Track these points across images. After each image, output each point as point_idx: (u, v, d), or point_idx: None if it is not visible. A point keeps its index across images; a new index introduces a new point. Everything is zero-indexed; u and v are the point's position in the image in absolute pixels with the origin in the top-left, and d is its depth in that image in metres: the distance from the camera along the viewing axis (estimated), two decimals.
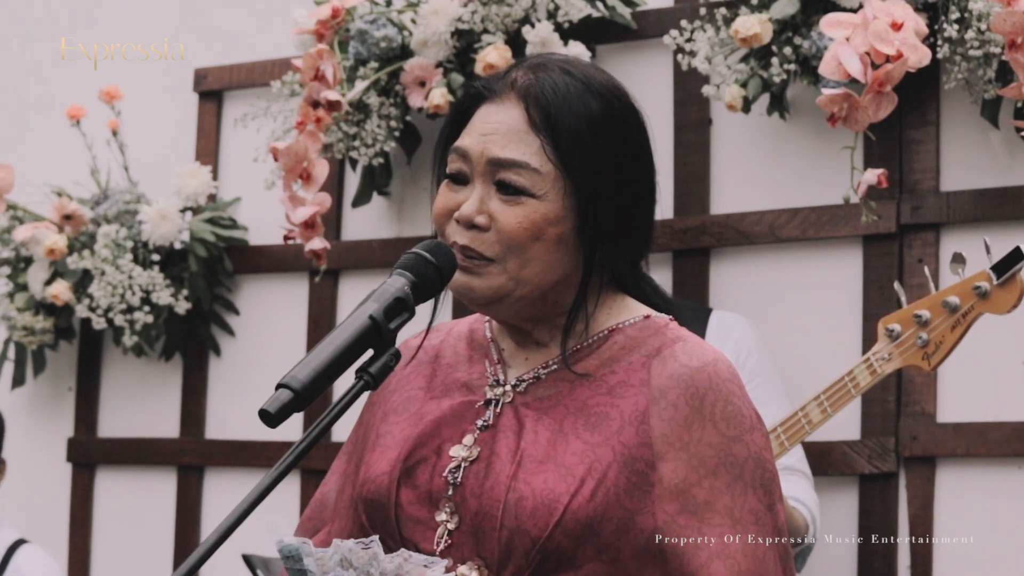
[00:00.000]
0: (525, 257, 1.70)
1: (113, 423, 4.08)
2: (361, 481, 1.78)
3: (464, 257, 1.71)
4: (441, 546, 1.70)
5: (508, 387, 1.76)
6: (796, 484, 2.90)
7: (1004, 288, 2.51)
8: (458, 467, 1.71)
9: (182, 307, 3.80)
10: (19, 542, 3.55)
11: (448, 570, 1.68)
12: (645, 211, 1.78)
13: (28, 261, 3.96)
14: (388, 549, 1.74)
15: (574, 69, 1.75)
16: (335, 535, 1.82)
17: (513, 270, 1.70)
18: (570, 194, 1.70)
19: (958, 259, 2.54)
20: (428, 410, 1.78)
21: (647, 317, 1.77)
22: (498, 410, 1.75)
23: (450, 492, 1.70)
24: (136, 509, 4.01)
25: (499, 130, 1.72)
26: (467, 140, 1.75)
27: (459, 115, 1.79)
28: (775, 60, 3.09)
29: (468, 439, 1.73)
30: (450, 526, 1.70)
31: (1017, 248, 2.50)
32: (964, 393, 3.06)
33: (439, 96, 3.34)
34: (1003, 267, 2.51)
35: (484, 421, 1.74)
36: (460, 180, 1.75)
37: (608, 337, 1.76)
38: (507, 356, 1.80)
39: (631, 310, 1.78)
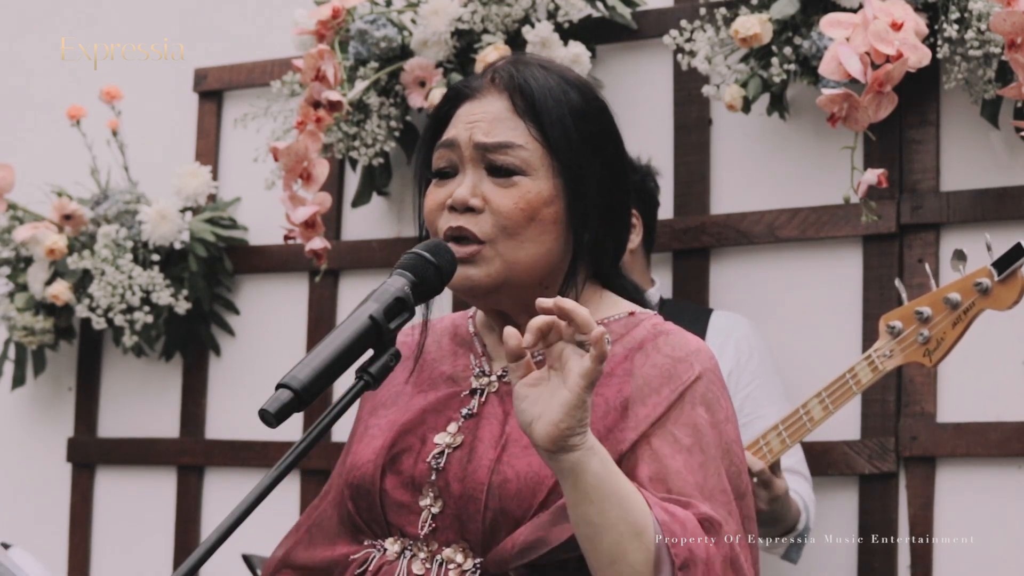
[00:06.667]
0: (519, 239, 1.73)
1: (113, 423, 4.08)
2: (348, 468, 1.81)
3: (457, 244, 1.73)
4: (425, 530, 1.73)
5: (494, 377, 1.79)
6: (795, 481, 2.91)
7: (1005, 284, 2.51)
8: (441, 453, 1.74)
9: (182, 307, 3.80)
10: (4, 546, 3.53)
11: (434, 553, 1.71)
12: (624, 201, 1.82)
13: (28, 261, 3.96)
14: (374, 534, 1.77)
15: (551, 66, 1.82)
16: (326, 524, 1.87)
17: (506, 252, 1.73)
18: (558, 174, 1.74)
19: (959, 256, 2.54)
20: (415, 402, 1.82)
21: (632, 314, 1.81)
22: (483, 399, 1.78)
23: (433, 477, 1.73)
24: (136, 509, 4.01)
25: (484, 118, 1.76)
26: (452, 132, 1.78)
27: (440, 118, 1.82)
28: (775, 60, 3.09)
29: (452, 427, 1.76)
30: (434, 510, 1.73)
31: (1018, 244, 2.50)
32: (964, 393, 3.06)
33: (439, 96, 3.34)
34: (1004, 263, 2.51)
35: (469, 410, 1.77)
36: (448, 175, 1.78)
37: None
38: (491, 350, 1.84)
39: (616, 306, 1.83)
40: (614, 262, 1.84)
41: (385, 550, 1.76)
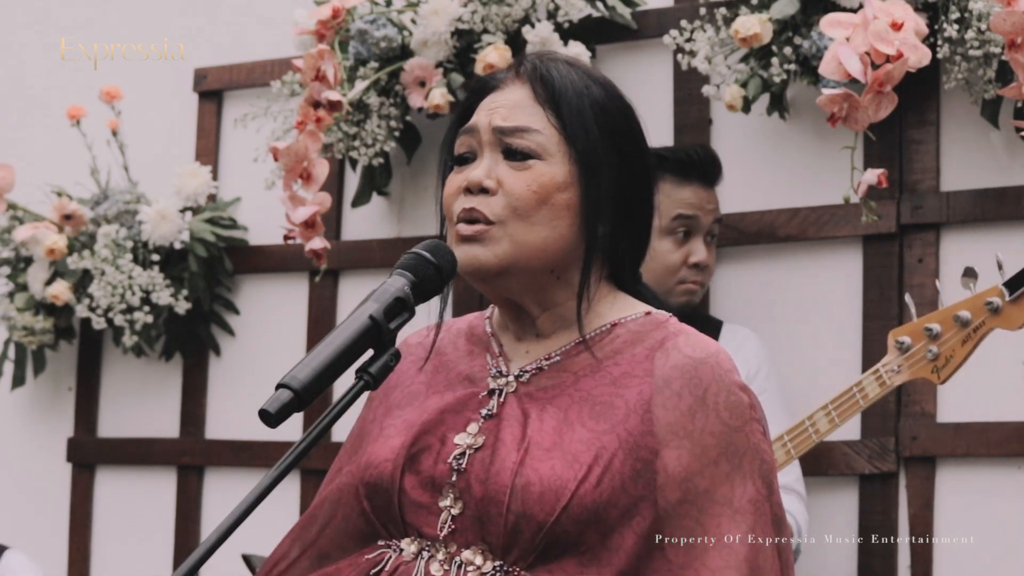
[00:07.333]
0: (530, 222, 1.73)
1: (113, 423, 4.08)
2: (364, 466, 1.79)
3: (467, 224, 1.73)
4: (445, 531, 1.72)
5: (511, 377, 1.79)
6: (789, 500, 2.91)
7: (1016, 304, 2.52)
8: (462, 454, 1.73)
9: (182, 307, 3.80)
10: (1, 548, 3.53)
11: (453, 555, 1.70)
12: (643, 200, 1.82)
13: (28, 261, 3.96)
14: (390, 534, 1.77)
15: (576, 63, 1.84)
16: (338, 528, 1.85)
17: (516, 234, 1.73)
18: (574, 161, 1.75)
19: (969, 273, 2.55)
20: (432, 402, 1.81)
21: (648, 313, 1.81)
22: (502, 400, 1.77)
23: (454, 478, 1.72)
24: (136, 509, 4.01)
25: (505, 105, 1.78)
26: (474, 119, 1.80)
27: (465, 110, 1.84)
28: (775, 60, 3.09)
29: (472, 427, 1.75)
30: (454, 511, 1.72)
31: None
32: (964, 393, 3.06)
33: (439, 96, 3.34)
34: (1016, 283, 2.51)
35: (488, 410, 1.76)
36: (468, 160, 1.79)
37: (610, 331, 1.78)
38: (507, 350, 1.83)
39: (632, 306, 1.82)
40: (633, 266, 1.83)
41: (401, 550, 1.75)
